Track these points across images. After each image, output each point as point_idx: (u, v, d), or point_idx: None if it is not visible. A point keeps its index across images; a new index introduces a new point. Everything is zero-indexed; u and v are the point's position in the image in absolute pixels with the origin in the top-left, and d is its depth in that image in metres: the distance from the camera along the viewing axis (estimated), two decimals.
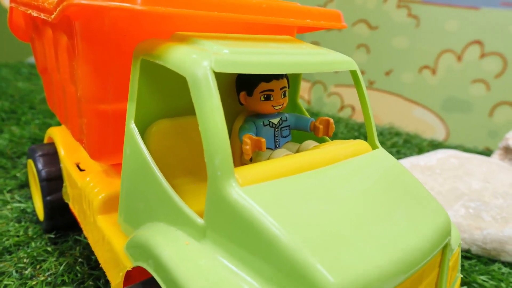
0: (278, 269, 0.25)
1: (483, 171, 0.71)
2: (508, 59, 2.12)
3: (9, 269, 0.49)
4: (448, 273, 0.33)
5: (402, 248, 0.27)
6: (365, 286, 0.24)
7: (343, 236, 0.26)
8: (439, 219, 0.32)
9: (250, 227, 0.26)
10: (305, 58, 0.34)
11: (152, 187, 0.33)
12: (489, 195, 0.65)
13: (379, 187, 0.32)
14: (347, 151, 0.35)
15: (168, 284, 0.27)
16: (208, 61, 0.28)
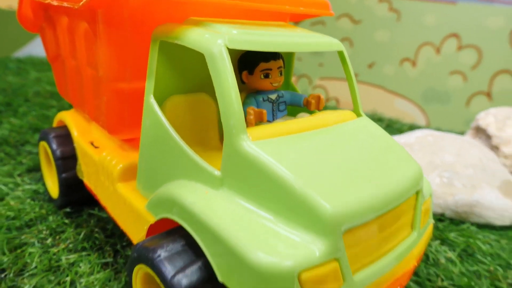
0: (285, 204, 0.31)
1: (456, 147, 0.79)
2: (483, 51, 2.23)
3: (31, 240, 0.54)
4: (421, 216, 0.40)
5: (384, 187, 0.34)
6: (355, 213, 0.31)
7: (337, 177, 0.33)
8: (413, 170, 0.39)
9: (260, 172, 0.32)
10: (300, 39, 0.40)
11: (171, 150, 0.38)
12: (461, 166, 0.72)
13: (365, 144, 0.39)
14: (337, 117, 0.41)
15: (193, 225, 0.33)
16: (222, 39, 0.34)
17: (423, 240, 0.41)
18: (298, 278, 0.28)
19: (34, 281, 0.46)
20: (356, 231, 0.31)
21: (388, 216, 0.34)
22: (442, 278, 0.53)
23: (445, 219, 0.68)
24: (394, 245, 0.36)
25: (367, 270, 0.32)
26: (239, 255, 0.29)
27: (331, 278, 0.29)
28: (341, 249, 0.30)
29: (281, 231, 0.30)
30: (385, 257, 0.34)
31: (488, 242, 0.62)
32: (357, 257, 0.32)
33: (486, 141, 0.90)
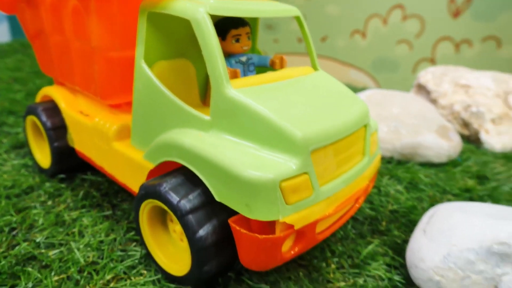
0: (265, 134, 0.39)
1: (401, 101, 0.90)
2: (425, 20, 2.38)
3: (31, 204, 0.59)
4: (370, 145, 0.50)
5: (340, 119, 0.43)
6: (318, 137, 0.39)
7: (303, 113, 0.41)
8: (361, 107, 0.48)
9: (242, 111, 0.40)
10: (264, 7, 0.48)
11: (164, 105, 0.45)
12: (405, 117, 0.84)
13: (323, 90, 0.48)
14: (299, 71, 0.50)
15: (191, 161, 0.41)
16: (204, 7, 0.41)
17: (374, 165, 0.51)
18: (279, 186, 0.37)
19: (45, 234, 0.52)
20: (320, 152, 0.40)
21: (344, 142, 0.43)
22: (392, 203, 0.64)
23: (393, 161, 0.80)
24: (351, 166, 0.45)
25: (331, 184, 0.42)
26: (233, 174, 0.37)
27: (303, 187, 0.38)
28: (310, 165, 0.39)
29: (264, 154, 0.39)
30: (344, 175, 0.44)
31: (429, 176, 0.74)
32: (323, 173, 0.41)
33: (426, 96, 1.03)
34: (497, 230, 0.43)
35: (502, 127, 0.89)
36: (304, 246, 0.41)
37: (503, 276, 0.42)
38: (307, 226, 0.39)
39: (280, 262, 0.40)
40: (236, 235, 0.39)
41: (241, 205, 0.37)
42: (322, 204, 0.41)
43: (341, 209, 0.43)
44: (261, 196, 0.36)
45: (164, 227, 0.48)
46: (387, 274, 0.48)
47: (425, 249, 0.45)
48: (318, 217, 0.40)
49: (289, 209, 0.37)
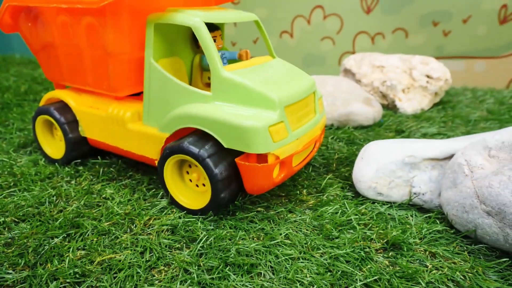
0: (252, 100, 0.58)
1: (333, 82, 1.14)
2: (343, 18, 2.70)
3: (57, 184, 0.72)
4: (319, 107, 0.70)
5: (298, 87, 0.63)
6: (287, 98, 0.59)
7: (274, 84, 0.61)
8: (310, 80, 0.68)
9: (234, 85, 0.58)
10: (232, 15, 0.66)
11: (173, 89, 0.62)
12: (338, 93, 1.07)
13: (283, 70, 0.68)
14: (264, 59, 0.69)
15: (202, 123, 0.58)
16: (199, 17, 0.59)
17: (322, 121, 0.72)
18: (269, 130, 0.56)
19: (82, 201, 0.66)
20: (289, 107, 0.60)
21: (302, 102, 0.64)
22: (337, 153, 0.86)
23: (333, 127, 1.03)
24: (309, 120, 0.66)
25: (298, 130, 0.61)
26: (238, 126, 0.55)
27: (282, 131, 0.58)
28: (284, 116, 0.58)
29: (253, 112, 0.58)
30: (305, 125, 0.64)
31: (361, 134, 0.98)
32: (292, 122, 0.60)
33: (352, 78, 1.28)
34: (407, 148, 0.66)
35: (410, 94, 1.16)
36: (286, 175, 0.61)
37: (414, 178, 0.65)
38: (286, 158, 0.59)
39: (273, 185, 0.59)
40: (242, 168, 0.58)
41: (244, 145, 0.56)
42: (294, 143, 0.60)
43: (305, 149, 0.64)
44: (258, 137, 0.55)
45: (181, 179, 0.65)
46: (341, 192, 0.69)
47: (364, 168, 0.67)
48: (293, 152, 0.60)
49: (275, 145, 0.57)
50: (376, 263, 0.52)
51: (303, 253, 0.54)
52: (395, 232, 0.57)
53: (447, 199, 0.58)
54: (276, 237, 0.57)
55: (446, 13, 2.51)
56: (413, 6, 2.55)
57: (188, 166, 0.63)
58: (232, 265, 0.51)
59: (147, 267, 0.51)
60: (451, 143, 0.65)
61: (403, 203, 0.65)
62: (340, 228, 0.59)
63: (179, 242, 0.56)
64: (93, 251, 0.53)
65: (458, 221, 0.57)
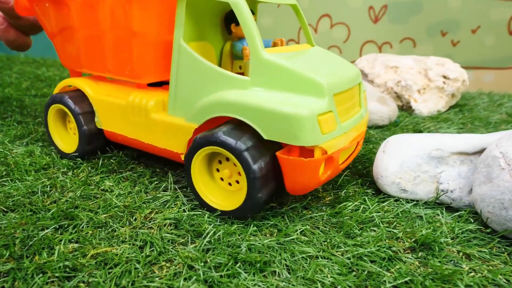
0: (296, 85, 0.50)
1: None
2: (350, 27, 2.67)
3: (53, 175, 0.66)
4: (364, 100, 0.64)
5: (346, 75, 0.57)
6: (336, 85, 0.53)
7: (322, 70, 0.54)
8: (356, 70, 0.62)
9: (277, 69, 0.51)
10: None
11: (205, 74, 0.55)
12: None
13: (326, 57, 0.62)
14: (303, 46, 0.63)
15: (238, 111, 0.51)
16: None
17: (367, 117, 0.65)
18: (317, 119, 0.49)
19: (78, 192, 0.61)
20: (338, 96, 0.53)
21: (349, 92, 0.57)
22: None
23: None
24: (355, 112, 0.59)
25: (346, 122, 0.55)
26: (281, 114, 0.48)
27: (331, 121, 0.51)
28: (333, 105, 0.51)
29: (297, 99, 0.50)
30: (353, 118, 0.57)
31: (377, 134, 0.92)
32: (341, 113, 0.54)
33: (364, 78, 1.23)
34: (433, 141, 0.60)
35: (426, 95, 1.11)
36: (332, 172, 0.54)
37: (442, 173, 0.59)
38: (334, 153, 0.52)
39: (318, 184, 0.52)
40: (283, 163, 0.50)
41: (289, 137, 0.48)
42: (342, 137, 0.54)
43: (353, 144, 0.57)
44: (306, 127, 0.48)
45: (211, 176, 0.57)
46: (360, 189, 0.64)
47: (386, 162, 0.61)
48: (341, 147, 0.53)
49: (324, 137, 0.50)
50: (405, 264, 0.46)
51: (322, 251, 0.48)
52: (424, 230, 0.51)
53: (481, 195, 0.52)
54: (291, 233, 0.51)
55: (455, 23, 2.48)
56: (421, 16, 2.52)
57: (218, 162, 0.56)
58: (243, 262, 0.45)
59: (147, 263, 0.45)
60: (482, 137, 0.60)
61: (429, 201, 0.59)
62: (362, 226, 0.53)
63: (183, 237, 0.50)
64: (87, 244, 0.48)
65: (495, 219, 0.51)
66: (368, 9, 2.56)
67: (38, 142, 0.82)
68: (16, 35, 0.86)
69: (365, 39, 2.62)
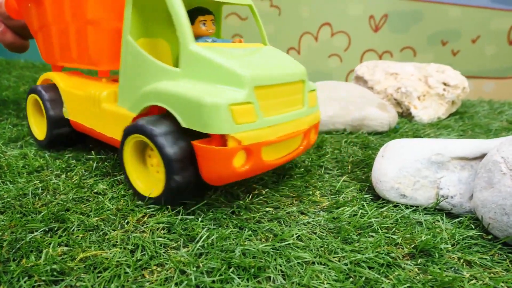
0: (220, 76, 0.51)
1: (346, 87, 1.08)
2: (351, 35, 2.68)
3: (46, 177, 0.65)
4: (309, 99, 0.62)
5: (278, 70, 0.56)
6: (259, 78, 0.52)
7: (250, 63, 0.54)
8: (298, 67, 0.60)
9: (202, 60, 0.52)
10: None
11: (145, 66, 0.57)
12: (351, 97, 1.01)
13: (270, 54, 0.62)
14: (252, 45, 0.63)
15: (162, 99, 0.52)
16: None
17: (313, 116, 0.63)
18: (228, 108, 0.48)
19: (71, 195, 0.59)
20: (262, 89, 0.52)
21: (283, 87, 0.56)
22: (352, 156, 0.79)
23: (345, 131, 0.96)
24: (291, 109, 0.58)
25: (273, 117, 0.54)
26: (195, 101, 0.49)
27: (248, 113, 0.50)
28: (253, 97, 0.51)
29: (219, 90, 0.51)
30: (284, 114, 0.56)
31: (376, 139, 0.91)
32: (266, 108, 0.53)
33: (364, 85, 1.22)
34: (433, 146, 0.59)
35: (426, 102, 1.10)
36: (254, 166, 0.53)
37: (442, 179, 0.58)
38: (253, 145, 0.51)
39: (235, 177, 0.52)
40: (197, 151, 0.51)
41: (201, 124, 0.49)
42: (265, 130, 0.53)
43: (283, 141, 0.56)
44: (216, 115, 0.48)
45: (143, 163, 0.59)
46: (359, 194, 0.62)
47: (385, 166, 0.60)
48: (263, 140, 0.52)
49: (237, 127, 0.49)
50: (404, 270, 0.45)
51: (319, 256, 0.46)
52: (423, 236, 0.50)
53: (483, 201, 0.51)
54: (287, 238, 0.49)
55: (455, 33, 2.48)
56: (421, 25, 2.52)
57: (150, 149, 0.58)
58: (237, 267, 0.44)
59: (138, 267, 0.44)
60: (483, 142, 0.59)
61: (429, 207, 0.58)
62: (360, 232, 0.52)
63: (176, 241, 0.49)
64: (77, 247, 0.46)
65: (497, 226, 0.49)
66: (369, 18, 2.57)
67: (33, 145, 0.81)
68: (13, 37, 0.87)
69: (366, 48, 2.62)
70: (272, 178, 0.68)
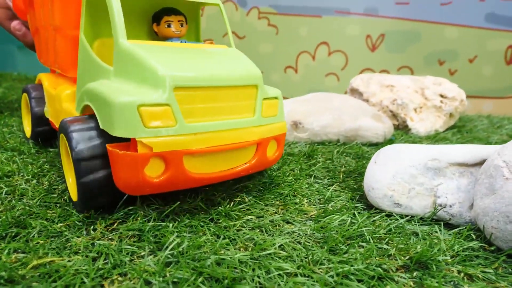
0: (142, 75, 0.47)
1: (341, 98, 1.05)
2: (348, 55, 2.67)
3: (16, 183, 0.61)
4: (264, 108, 0.54)
5: (216, 71, 0.49)
6: (182, 78, 0.46)
7: (181, 62, 0.48)
8: (251, 71, 0.53)
9: (128, 56, 0.48)
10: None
11: (90, 64, 0.55)
12: (345, 108, 0.98)
13: (221, 56, 0.55)
14: (211, 46, 0.59)
15: (90, 98, 0.49)
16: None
17: (270, 127, 0.55)
18: (137, 110, 0.43)
19: (38, 201, 0.55)
20: (187, 91, 0.47)
21: (222, 90, 0.49)
22: (345, 166, 0.75)
23: (339, 142, 0.92)
24: (233, 117, 0.50)
25: (201, 123, 0.47)
26: (106, 100, 0.45)
27: (164, 116, 0.45)
28: (172, 99, 0.45)
29: (137, 89, 0.46)
30: (220, 121, 0.49)
31: (371, 151, 0.87)
32: (192, 112, 0.47)
33: (359, 97, 1.19)
34: (430, 151, 0.55)
35: (423, 114, 1.06)
36: (174, 178, 0.46)
37: (439, 186, 0.53)
38: (170, 154, 0.45)
39: (150, 187, 0.46)
40: (109, 155, 0.46)
41: (108, 125, 0.45)
42: (189, 138, 0.46)
43: (217, 151, 0.49)
44: (121, 116, 0.43)
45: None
46: (350, 203, 0.58)
47: (378, 173, 0.56)
48: (184, 148, 0.46)
49: (147, 131, 0.44)
50: (397, 284, 0.40)
51: (302, 268, 0.41)
52: (419, 247, 0.45)
53: (484, 208, 0.47)
54: (268, 248, 0.45)
55: (452, 53, 2.48)
56: (418, 45, 2.52)
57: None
58: (208, 278, 0.39)
59: (98, 276, 0.39)
60: (483, 147, 0.55)
61: (425, 216, 0.53)
62: (350, 242, 0.47)
63: (144, 248, 0.44)
64: (32, 254, 0.41)
65: (500, 235, 0.45)
66: (366, 38, 2.57)
67: (7, 151, 0.76)
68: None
69: (363, 67, 2.61)
70: (258, 186, 0.64)
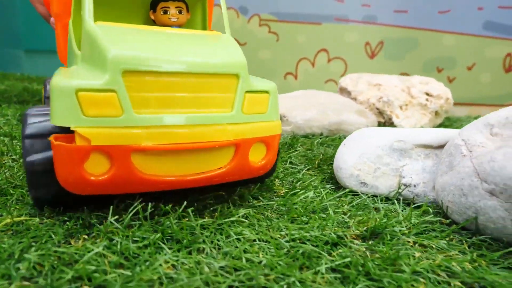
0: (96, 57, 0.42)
1: (327, 95, 1.07)
2: (347, 62, 2.70)
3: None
4: (247, 102, 0.46)
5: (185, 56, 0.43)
6: (134, 60, 0.40)
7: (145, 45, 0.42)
8: (233, 59, 0.46)
9: (88, 38, 0.44)
10: None
11: (71, 52, 0.54)
12: (330, 104, 1.00)
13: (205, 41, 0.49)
14: (203, 32, 0.53)
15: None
16: None
17: (254, 127, 0.47)
18: (76, 95, 0.38)
19: (21, 175, 0.57)
20: (140, 76, 0.40)
21: (189, 78, 0.42)
22: (322, 154, 0.77)
23: (323, 136, 0.94)
24: (202, 111, 0.43)
25: (156, 115, 0.41)
26: (51, 86, 0.39)
27: (108, 104, 0.39)
28: (119, 84, 0.39)
29: (87, 73, 0.41)
30: (184, 114, 0.42)
31: None
32: (144, 102, 0.40)
33: (347, 96, 1.21)
34: (396, 133, 0.57)
35: (408, 112, 1.08)
36: (119, 178, 0.40)
37: (404, 167, 0.55)
38: (115, 149, 0.39)
39: (92, 186, 0.40)
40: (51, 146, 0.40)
41: (51, 113, 0.39)
42: (140, 131, 0.40)
43: (175, 150, 0.42)
44: (58, 101, 0.38)
45: None
46: (320, 184, 0.60)
47: (346, 154, 0.57)
48: (130, 143, 0.39)
49: (86, 120, 0.38)
50: (350, 249, 0.41)
51: (262, 233, 0.43)
52: (378, 220, 0.47)
53: (442, 184, 0.48)
54: (232, 216, 0.47)
55: (451, 60, 2.50)
56: (416, 53, 2.54)
57: None
58: (169, 239, 0.41)
59: (67, 236, 0.41)
60: (448, 130, 0.57)
61: (390, 196, 0.55)
62: (312, 215, 0.49)
63: (112, 214, 0.46)
64: (7, 214, 0.44)
65: (456, 209, 0.46)
66: (365, 45, 2.60)
67: (0, 136, 0.79)
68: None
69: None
70: None
